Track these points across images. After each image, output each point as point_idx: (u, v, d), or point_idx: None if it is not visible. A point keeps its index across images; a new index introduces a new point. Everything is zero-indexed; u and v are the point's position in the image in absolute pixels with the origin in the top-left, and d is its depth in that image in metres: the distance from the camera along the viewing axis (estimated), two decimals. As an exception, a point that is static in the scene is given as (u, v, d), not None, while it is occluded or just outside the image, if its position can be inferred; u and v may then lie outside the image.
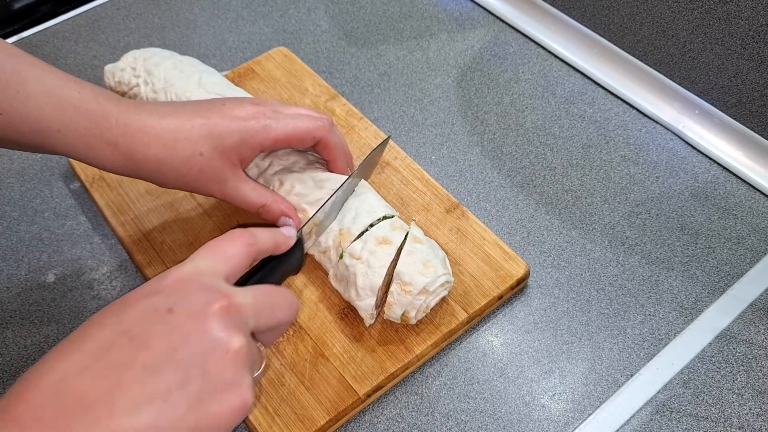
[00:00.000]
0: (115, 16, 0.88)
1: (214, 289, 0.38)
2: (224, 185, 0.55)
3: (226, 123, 0.53)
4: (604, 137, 0.74)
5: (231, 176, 0.55)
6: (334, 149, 0.58)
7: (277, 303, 0.41)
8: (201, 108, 0.54)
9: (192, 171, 0.53)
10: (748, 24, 0.65)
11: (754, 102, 0.68)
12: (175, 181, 0.53)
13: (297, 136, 0.55)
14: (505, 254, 0.61)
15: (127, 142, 0.51)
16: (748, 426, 0.54)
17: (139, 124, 0.51)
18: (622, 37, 0.77)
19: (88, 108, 0.50)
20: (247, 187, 0.56)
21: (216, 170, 0.53)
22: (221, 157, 0.53)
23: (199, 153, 0.52)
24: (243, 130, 0.53)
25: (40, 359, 0.36)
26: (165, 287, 0.39)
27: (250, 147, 0.54)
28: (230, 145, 0.53)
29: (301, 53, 0.83)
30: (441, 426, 0.55)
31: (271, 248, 0.47)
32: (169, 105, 0.54)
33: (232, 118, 0.53)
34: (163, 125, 0.51)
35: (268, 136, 0.54)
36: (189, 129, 0.52)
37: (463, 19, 0.87)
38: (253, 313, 0.39)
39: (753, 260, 0.64)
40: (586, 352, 0.58)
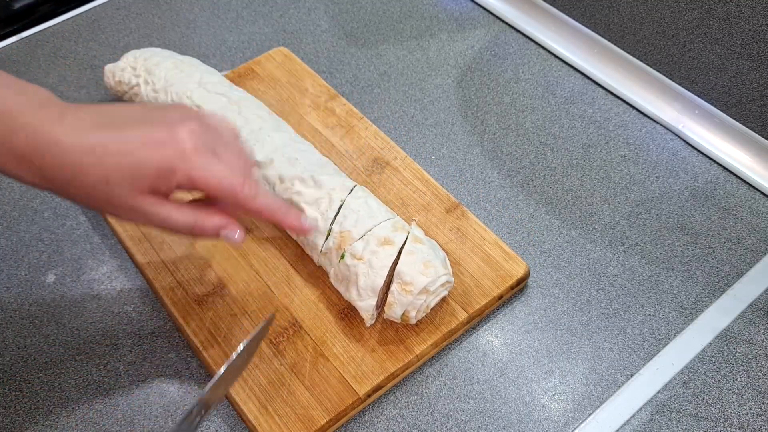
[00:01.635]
0: (115, 16, 0.88)
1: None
2: (138, 213, 0.48)
3: (143, 149, 0.46)
4: (604, 137, 0.74)
5: (144, 204, 0.48)
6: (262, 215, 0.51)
7: None
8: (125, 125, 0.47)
9: (98, 198, 0.47)
10: (748, 24, 0.65)
11: (754, 102, 0.68)
12: (85, 204, 0.48)
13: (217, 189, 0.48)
14: (505, 254, 0.61)
15: (37, 159, 0.45)
16: (748, 426, 0.54)
17: (47, 142, 0.45)
18: (622, 37, 0.77)
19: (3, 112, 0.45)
20: (166, 210, 0.48)
21: (125, 199, 0.47)
22: (131, 187, 0.47)
23: (105, 181, 0.46)
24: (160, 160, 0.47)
25: None
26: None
27: (165, 181, 0.47)
28: (142, 175, 0.47)
29: (301, 53, 0.83)
30: (441, 426, 0.55)
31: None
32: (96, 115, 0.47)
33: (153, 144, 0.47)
34: (73, 145, 0.46)
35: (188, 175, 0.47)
36: (100, 155, 0.46)
37: (463, 19, 0.87)
38: None
39: (753, 260, 0.64)
40: (586, 352, 0.58)
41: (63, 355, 0.59)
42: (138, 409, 0.56)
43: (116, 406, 0.56)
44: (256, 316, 0.58)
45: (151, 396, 0.57)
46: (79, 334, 0.60)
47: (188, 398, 0.56)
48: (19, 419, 0.55)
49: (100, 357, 0.59)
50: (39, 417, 0.56)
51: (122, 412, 0.56)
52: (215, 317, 0.58)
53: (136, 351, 0.59)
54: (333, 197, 0.58)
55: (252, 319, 0.58)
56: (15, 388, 0.57)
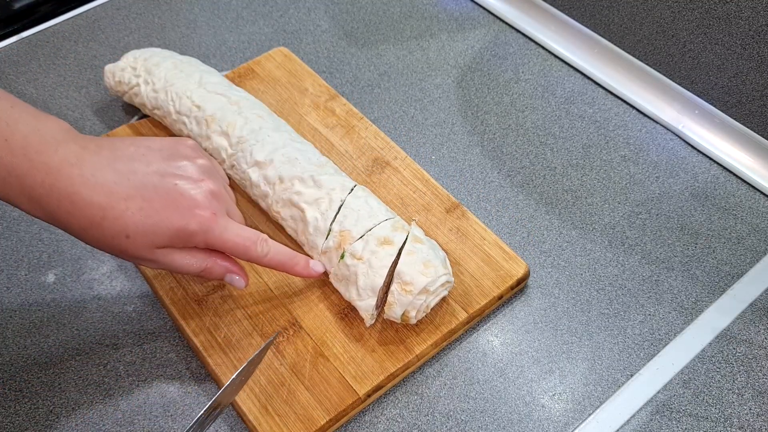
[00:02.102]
0: (115, 16, 0.88)
1: None
2: (155, 263, 0.50)
3: (165, 214, 0.48)
4: (604, 137, 0.74)
5: (160, 255, 0.50)
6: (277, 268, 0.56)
7: None
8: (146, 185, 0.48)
9: (114, 249, 0.48)
10: (748, 24, 0.65)
11: (754, 102, 0.68)
12: (100, 248, 0.49)
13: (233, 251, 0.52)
14: (505, 254, 0.61)
15: (51, 205, 0.45)
16: (748, 426, 0.54)
17: (66, 191, 0.45)
18: (622, 37, 0.77)
19: (12, 162, 0.44)
20: (179, 256, 0.51)
21: (140, 255, 0.49)
22: (148, 246, 0.48)
23: (125, 235, 0.47)
24: (180, 225, 0.49)
25: None
26: None
27: (182, 240, 0.50)
28: (161, 238, 0.49)
29: (301, 53, 0.83)
30: (441, 426, 0.55)
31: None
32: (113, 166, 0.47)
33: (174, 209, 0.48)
34: (94, 201, 0.46)
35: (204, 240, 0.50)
36: (121, 211, 0.46)
37: (463, 19, 0.87)
38: None
39: (753, 260, 0.64)
40: (586, 352, 0.58)
41: (63, 355, 0.59)
42: (138, 409, 0.56)
43: (116, 406, 0.56)
44: (256, 316, 0.58)
45: (151, 396, 0.57)
46: (79, 334, 0.60)
47: (188, 398, 0.56)
48: (19, 419, 0.55)
49: (100, 357, 0.59)
50: (39, 417, 0.56)
51: (122, 412, 0.56)
52: (215, 317, 0.58)
53: (136, 351, 0.59)
54: (333, 197, 0.58)
55: (252, 319, 0.58)
56: (15, 388, 0.57)
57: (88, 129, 0.76)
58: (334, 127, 0.72)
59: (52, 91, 0.79)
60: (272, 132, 0.63)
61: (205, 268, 0.52)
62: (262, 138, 0.62)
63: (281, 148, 0.62)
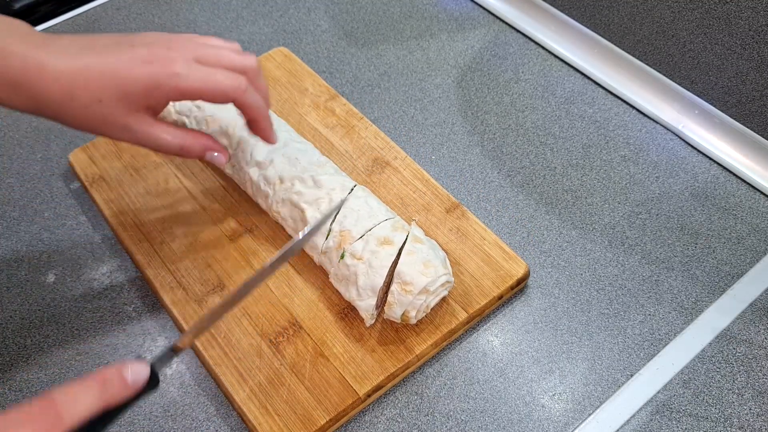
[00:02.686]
0: (115, 16, 0.88)
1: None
2: (131, 133, 0.51)
3: (129, 68, 0.49)
4: (604, 137, 0.74)
5: (137, 123, 0.50)
6: (250, 110, 0.54)
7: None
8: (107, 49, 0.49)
9: (93, 118, 0.49)
10: (748, 24, 0.65)
11: (754, 102, 0.68)
12: (79, 125, 0.50)
13: (208, 93, 0.51)
14: (505, 254, 0.61)
15: (29, 84, 0.48)
16: (748, 426, 0.54)
17: (37, 64, 0.47)
18: (622, 37, 0.77)
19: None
20: (157, 130, 0.51)
21: (118, 118, 0.50)
22: (123, 106, 0.49)
23: (98, 100, 0.49)
24: (147, 77, 0.49)
25: None
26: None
27: (155, 97, 0.50)
28: (132, 93, 0.49)
29: (301, 53, 0.83)
30: (441, 426, 0.55)
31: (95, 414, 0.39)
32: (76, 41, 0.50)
33: (137, 63, 0.49)
34: (62, 68, 0.48)
35: (176, 87, 0.50)
36: (87, 76, 0.48)
37: (463, 19, 0.87)
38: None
39: (753, 260, 0.64)
40: (586, 352, 0.58)
41: (63, 355, 0.59)
42: (138, 409, 0.56)
43: (116, 406, 0.56)
44: (256, 316, 0.58)
45: (151, 396, 0.57)
46: (79, 334, 0.60)
47: (188, 398, 0.56)
48: (19, 419, 0.55)
49: (100, 357, 0.59)
50: (39, 417, 0.55)
51: (122, 412, 0.56)
52: (215, 317, 0.58)
53: (136, 351, 0.59)
54: (333, 197, 0.58)
55: (252, 319, 0.58)
56: (15, 388, 0.57)
57: (88, 129, 0.76)
58: (334, 127, 0.72)
59: (52, 91, 0.79)
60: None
61: (183, 142, 0.52)
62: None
63: (281, 148, 0.62)
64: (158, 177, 0.68)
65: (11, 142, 0.75)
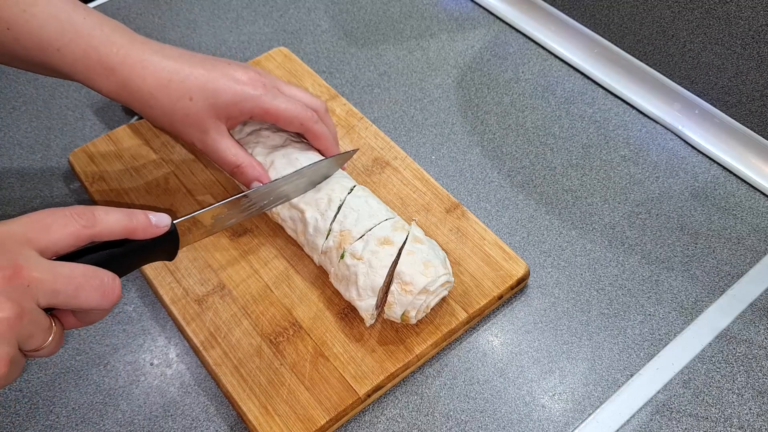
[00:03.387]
0: (115, 16, 0.88)
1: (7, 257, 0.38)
2: (205, 136, 0.57)
3: (224, 81, 0.55)
4: (604, 137, 0.74)
5: (214, 129, 0.56)
6: (321, 139, 0.60)
7: (85, 286, 0.40)
8: (205, 61, 0.56)
9: (178, 113, 0.55)
10: (748, 24, 0.65)
11: (754, 102, 0.68)
12: (161, 118, 0.56)
13: (285, 118, 0.58)
14: (505, 254, 0.61)
15: (125, 71, 0.54)
16: (748, 426, 0.54)
17: (139, 58, 0.54)
18: (622, 37, 0.77)
19: (90, 33, 0.53)
20: (227, 143, 0.58)
21: (201, 119, 0.56)
22: (209, 109, 0.55)
23: (189, 97, 0.55)
24: (237, 91, 0.56)
25: None
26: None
27: (239, 109, 0.56)
28: (221, 101, 0.55)
29: (301, 53, 0.83)
30: (441, 426, 0.55)
31: (121, 234, 0.44)
32: (176, 49, 0.56)
33: (231, 78, 0.56)
34: (164, 64, 0.54)
35: (259, 105, 0.56)
36: (186, 74, 0.55)
37: (463, 19, 0.87)
38: (49, 289, 0.39)
39: (753, 260, 0.64)
40: (586, 352, 0.58)
41: (63, 355, 0.59)
42: (138, 409, 0.56)
43: (116, 406, 0.56)
44: (256, 316, 0.58)
45: (151, 396, 0.57)
46: (79, 334, 0.60)
47: (188, 398, 0.56)
48: (19, 419, 0.55)
49: (100, 357, 0.59)
50: (39, 417, 0.56)
51: (122, 412, 0.56)
52: (215, 317, 0.58)
53: (136, 351, 0.59)
54: (332, 197, 0.58)
55: (252, 319, 0.58)
56: (15, 388, 0.57)
57: (88, 129, 0.76)
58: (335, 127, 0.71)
59: (52, 91, 0.79)
60: (272, 133, 0.63)
61: (241, 165, 0.58)
62: (262, 139, 0.62)
63: (281, 148, 0.62)
64: (158, 177, 0.68)
65: (11, 142, 0.75)
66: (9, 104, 0.78)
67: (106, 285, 0.41)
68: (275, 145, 0.61)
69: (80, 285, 0.40)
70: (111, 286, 0.42)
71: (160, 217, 0.47)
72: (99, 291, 0.41)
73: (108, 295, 0.41)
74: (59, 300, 0.39)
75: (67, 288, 0.39)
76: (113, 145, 0.70)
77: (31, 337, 0.38)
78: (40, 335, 0.39)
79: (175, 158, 0.69)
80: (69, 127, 0.76)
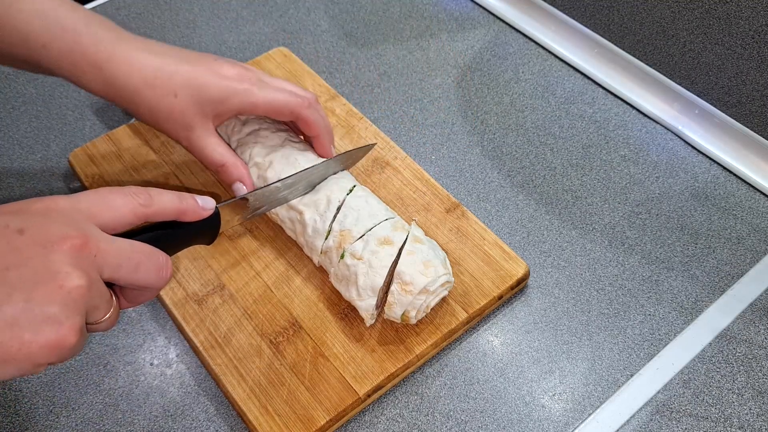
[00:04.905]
0: (115, 16, 0.88)
1: (77, 228, 0.38)
2: (191, 133, 0.56)
3: (209, 76, 0.54)
4: (604, 137, 0.74)
5: (199, 126, 0.56)
6: (314, 127, 0.59)
7: (145, 263, 0.41)
8: (191, 57, 0.56)
9: (163, 110, 0.54)
10: (748, 24, 0.65)
11: (754, 102, 0.68)
12: (147, 115, 0.55)
13: (275, 107, 0.57)
14: (505, 254, 0.61)
15: (110, 68, 0.53)
16: (748, 426, 0.54)
17: (124, 54, 0.53)
18: (622, 37, 0.77)
19: (75, 29, 0.53)
20: (212, 142, 0.57)
21: (186, 116, 0.55)
22: (194, 106, 0.55)
23: (173, 94, 0.54)
24: (223, 87, 0.55)
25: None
26: (32, 209, 0.39)
27: (226, 106, 0.55)
28: (207, 97, 0.55)
29: (301, 53, 0.83)
30: (441, 426, 0.55)
31: (173, 214, 0.46)
32: (162, 45, 0.56)
33: (217, 74, 0.55)
34: (149, 61, 0.54)
35: (247, 100, 0.56)
36: (172, 71, 0.54)
37: (463, 19, 0.87)
38: (113, 262, 0.39)
39: (753, 260, 0.64)
40: (586, 352, 0.58)
41: (63, 355, 0.59)
42: (138, 409, 0.56)
43: (116, 406, 0.56)
44: (256, 316, 0.58)
45: (151, 396, 0.57)
46: (79, 334, 0.60)
47: (188, 398, 0.56)
48: (19, 419, 0.55)
49: (100, 357, 0.59)
50: (39, 417, 0.56)
51: (122, 412, 0.56)
52: (215, 317, 0.58)
53: (136, 351, 0.59)
54: (332, 197, 0.58)
55: (252, 319, 0.58)
56: (15, 388, 0.57)
57: (88, 129, 0.76)
58: (334, 127, 0.72)
59: (52, 91, 0.79)
60: (271, 133, 0.63)
61: (225, 164, 0.57)
62: (261, 139, 0.62)
63: (280, 148, 0.62)
64: (158, 177, 0.68)
65: (11, 142, 0.75)
66: (9, 104, 0.78)
67: (162, 264, 0.43)
68: (274, 145, 0.61)
69: (140, 261, 0.41)
70: (166, 265, 0.43)
71: (205, 200, 0.48)
72: (156, 269, 0.42)
73: (163, 275, 0.43)
74: (120, 274, 0.40)
75: (129, 263, 0.40)
76: (113, 145, 0.70)
77: (96, 308, 0.39)
78: (103, 307, 0.40)
79: (175, 158, 0.69)
80: (69, 127, 0.76)
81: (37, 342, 0.35)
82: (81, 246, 0.37)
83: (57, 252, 0.37)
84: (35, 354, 0.36)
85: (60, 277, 0.36)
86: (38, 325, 0.35)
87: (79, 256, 0.37)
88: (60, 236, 0.37)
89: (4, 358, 0.35)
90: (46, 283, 0.36)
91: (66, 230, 0.38)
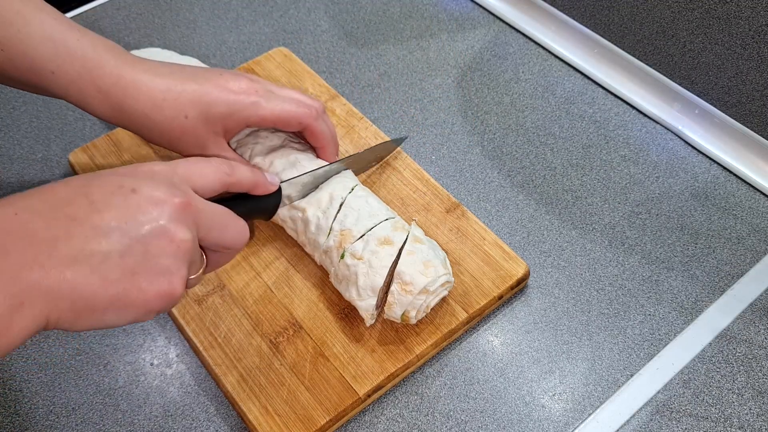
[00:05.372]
0: (115, 16, 0.88)
1: (180, 189, 0.42)
2: (204, 151, 0.57)
3: (217, 93, 0.55)
4: (604, 137, 0.74)
5: (212, 143, 0.57)
6: (321, 137, 0.60)
7: (230, 225, 0.45)
8: (196, 74, 0.56)
9: (175, 131, 0.55)
10: (748, 24, 0.65)
11: (754, 102, 0.68)
12: (158, 137, 0.56)
13: (283, 119, 0.57)
14: (505, 254, 0.61)
15: (118, 93, 0.53)
16: (748, 426, 0.54)
17: (131, 78, 0.53)
18: (622, 37, 0.77)
19: (84, 55, 0.53)
20: (229, 154, 0.58)
21: (198, 135, 0.55)
22: (205, 124, 0.55)
23: (184, 115, 0.54)
24: (231, 102, 0.55)
25: None
26: (138, 172, 0.42)
27: (236, 120, 0.56)
28: (216, 114, 0.55)
29: (301, 53, 0.83)
30: (441, 426, 0.55)
31: (248, 186, 0.50)
32: (167, 66, 0.56)
33: (224, 89, 0.55)
34: (156, 83, 0.54)
35: (255, 113, 0.56)
36: (179, 91, 0.54)
37: (463, 19, 0.87)
38: (207, 223, 0.43)
39: (753, 260, 0.64)
40: (586, 352, 0.58)
41: (63, 355, 0.59)
42: (138, 409, 0.56)
43: (116, 406, 0.56)
44: (256, 316, 0.58)
45: (151, 396, 0.57)
46: (79, 334, 0.60)
47: (188, 398, 0.56)
48: (19, 419, 0.55)
49: (100, 357, 0.59)
50: (39, 417, 0.56)
51: (122, 412, 0.56)
52: (215, 317, 0.58)
53: (136, 351, 0.59)
54: (334, 195, 0.58)
55: (252, 319, 0.58)
56: (15, 388, 0.57)
57: (88, 129, 0.76)
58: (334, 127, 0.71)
59: (52, 91, 0.79)
60: (271, 133, 0.63)
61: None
62: (261, 139, 0.62)
63: (280, 149, 0.62)
64: (158, 177, 0.68)
65: (11, 142, 0.75)
66: (9, 104, 0.78)
67: (242, 228, 0.46)
68: (274, 146, 0.61)
69: (228, 224, 0.45)
70: (246, 230, 0.46)
71: (271, 176, 0.53)
72: (240, 233, 0.45)
73: (243, 238, 0.46)
74: (211, 235, 0.43)
75: (220, 225, 0.44)
76: (113, 145, 0.70)
77: (193, 264, 0.42)
78: (197, 264, 0.43)
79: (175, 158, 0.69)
80: (69, 127, 0.76)
81: (152, 290, 0.39)
82: (185, 205, 0.41)
83: (166, 209, 0.40)
84: (150, 301, 0.39)
85: (170, 232, 0.39)
86: (154, 275, 0.39)
87: (184, 214, 0.41)
88: (168, 195, 0.40)
89: (125, 303, 0.38)
90: (159, 237, 0.39)
91: (172, 190, 0.41)
